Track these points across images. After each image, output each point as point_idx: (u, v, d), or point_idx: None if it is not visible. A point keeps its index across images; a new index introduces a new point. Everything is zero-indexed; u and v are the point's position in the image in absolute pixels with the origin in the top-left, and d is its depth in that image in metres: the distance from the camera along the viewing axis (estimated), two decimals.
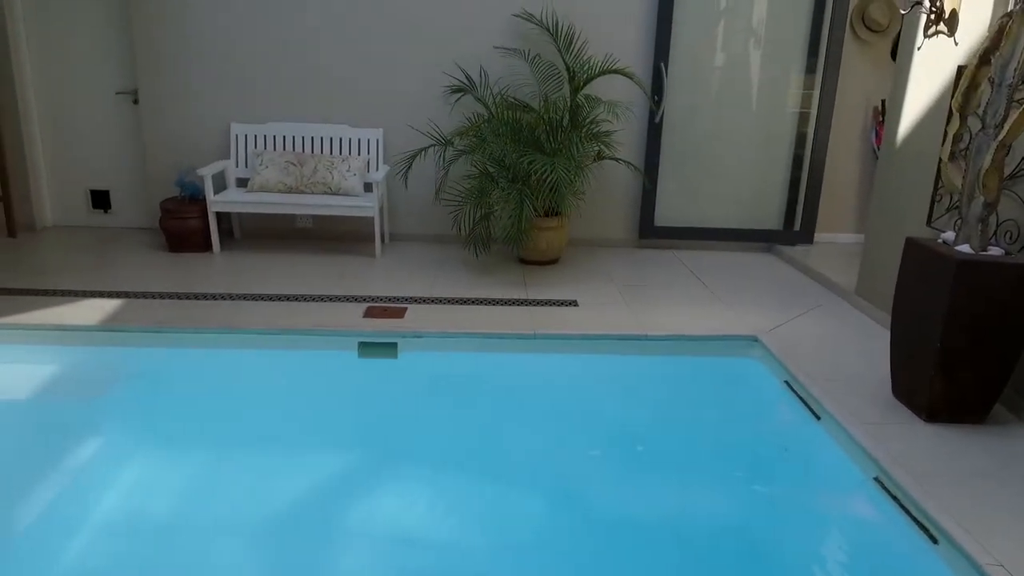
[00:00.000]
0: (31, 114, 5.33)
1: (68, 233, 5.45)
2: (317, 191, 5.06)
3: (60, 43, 5.26)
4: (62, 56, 5.28)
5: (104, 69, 5.31)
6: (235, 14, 5.11)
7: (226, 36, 5.15)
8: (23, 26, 5.19)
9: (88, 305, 3.95)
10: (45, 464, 3.01)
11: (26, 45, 5.23)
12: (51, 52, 5.27)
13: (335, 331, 3.75)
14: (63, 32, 5.24)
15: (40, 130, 5.40)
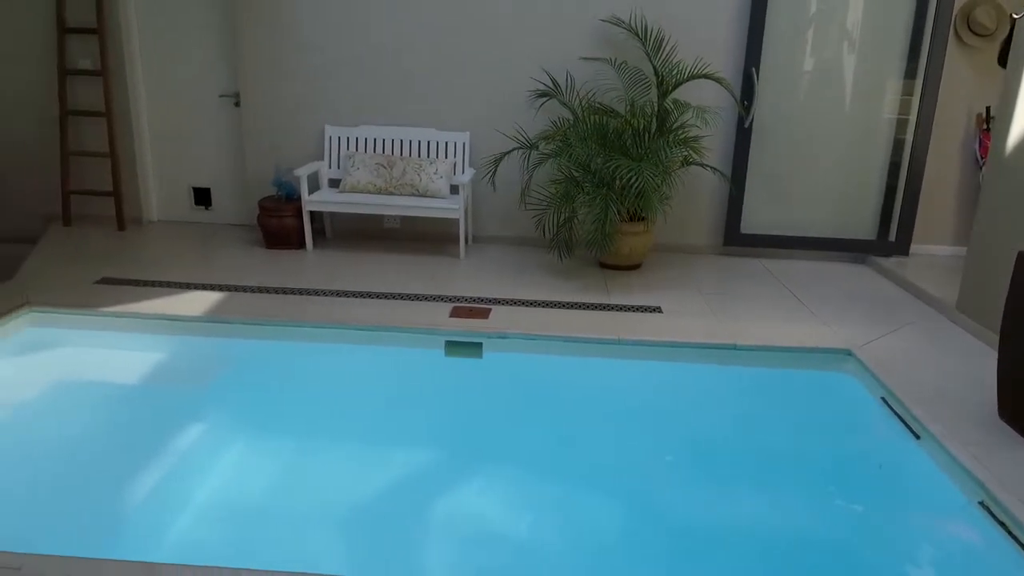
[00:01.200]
0: (142, 116, 5.67)
1: (172, 228, 5.77)
2: (405, 192, 5.19)
3: (169, 49, 5.57)
4: (171, 61, 5.59)
5: (209, 73, 5.60)
6: (331, 22, 5.30)
7: (322, 43, 5.34)
8: (137, 33, 5.53)
9: (192, 297, 4.18)
10: (153, 445, 3.20)
11: (139, 51, 5.57)
12: (161, 57, 5.59)
13: (424, 329, 3.85)
14: (173, 38, 5.55)
15: (149, 131, 5.73)
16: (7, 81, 5.56)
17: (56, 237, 5.40)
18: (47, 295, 4.07)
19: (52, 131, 5.52)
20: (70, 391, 3.63)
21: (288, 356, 3.91)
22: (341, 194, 5.21)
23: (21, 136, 5.64)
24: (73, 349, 3.88)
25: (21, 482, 2.89)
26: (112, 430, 3.35)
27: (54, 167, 5.57)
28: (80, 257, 4.92)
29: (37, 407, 3.44)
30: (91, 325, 3.90)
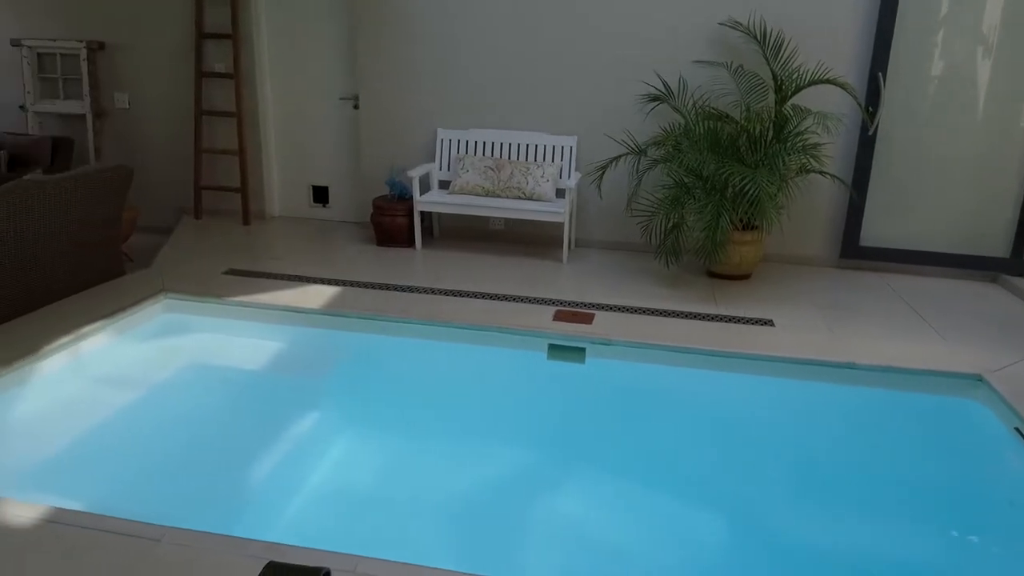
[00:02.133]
0: (268, 116, 6.00)
1: (291, 223, 6.08)
2: (512, 195, 5.26)
3: (296, 54, 5.87)
4: (296, 65, 5.90)
5: (331, 77, 5.86)
6: (446, 29, 5.43)
7: (437, 49, 5.49)
8: (267, 39, 5.86)
9: (310, 290, 4.39)
10: (270, 429, 3.39)
11: (268, 56, 5.90)
12: (288, 62, 5.90)
13: (528, 331, 3.89)
14: (299, 44, 5.85)
15: (274, 131, 6.06)
16: (152, 83, 6.04)
17: (188, 229, 5.81)
18: (181, 283, 4.38)
19: (188, 129, 5.94)
20: (199, 374, 3.90)
21: (396, 350, 4.04)
22: (450, 195, 5.33)
23: (162, 134, 6.10)
24: (203, 335, 4.16)
25: (155, 457, 3.13)
26: (234, 412, 3.58)
27: (188, 163, 5.99)
28: (209, 249, 5.27)
29: (169, 387, 3.72)
30: (219, 313, 4.17)
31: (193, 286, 4.35)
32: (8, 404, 3.19)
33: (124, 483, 2.92)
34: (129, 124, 6.17)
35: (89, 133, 6.06)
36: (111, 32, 5.99)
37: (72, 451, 3.10)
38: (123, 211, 4.61)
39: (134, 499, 2.69)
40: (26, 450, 3.07)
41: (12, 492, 2.45)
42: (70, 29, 6.01)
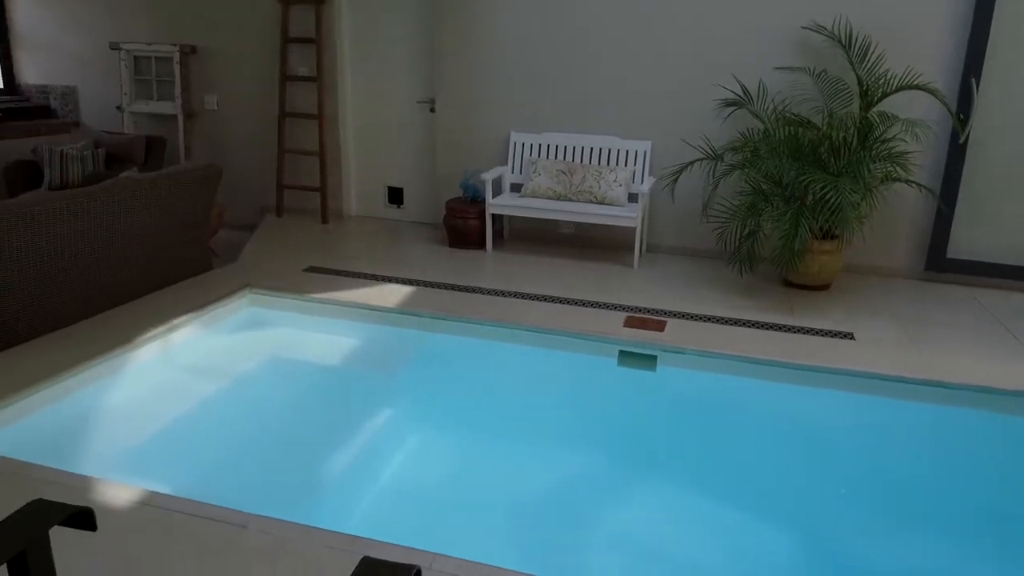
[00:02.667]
0: (348, 119, 6.17)
1: (367, 223, 6.24)
2: (583, 199, 5.26)
3: (376, 58, 6.02)
4: (376, 69, 6.05)
5: (409, 81, 5.99)
6: (522, 34, 5.48)
7: (511, 54, 5.54)
8: (349, 43, 6.03)
9: (384, 288, 4.50)
10: (345, 423, 3.50)
11: (349, 60, 6.07)
12: (368, 66, 6.06)
13: (600, 337, 3.89)
14: (379, 48, 6.00)
15: (353, 133, 6.23)
16: (239, 85, 6.30)
17: (270, 226, 6.03)
18: (264, 279, 4.55)
19: (271, 130, 6.17)
20: (279, 366, 4.06)
21: (467, 350, 4.10)
22: (522, 198, 5.37)
23: (247, 134, 6.36)
24: (283, 329, 4.32)
25: (236, 444, 3.28)
26: (310, 405, 3.71)
27: (271, 163, 6.21)
28: (290, 246, 5.46)
29: (251, 378, 3.88)
30: (299, 309, 4.32)
31: (275, 282, 4.52)
32: (104, 390, 3.39)
33: (207, 468, 3.06)
34: (217, 124, 6.45)
35: (180, 133, 6.36)
36: (203, 37, 6.27)
37: (160, 436, 3.27)
38: (212, 208, 4.84)
39: (216, 483, 2.82)
40: (120, 434, 3.25)
41: (109, 473, 2.61)
42: (165, 34, 6.33)
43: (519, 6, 5.46)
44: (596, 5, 5.31)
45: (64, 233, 3.65)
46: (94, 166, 5.78)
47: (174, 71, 6.29)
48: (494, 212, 5.39)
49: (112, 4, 6.46)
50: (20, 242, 3.44)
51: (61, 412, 3.15)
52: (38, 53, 6.85)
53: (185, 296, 4.22)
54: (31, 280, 3.54)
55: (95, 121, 6.70)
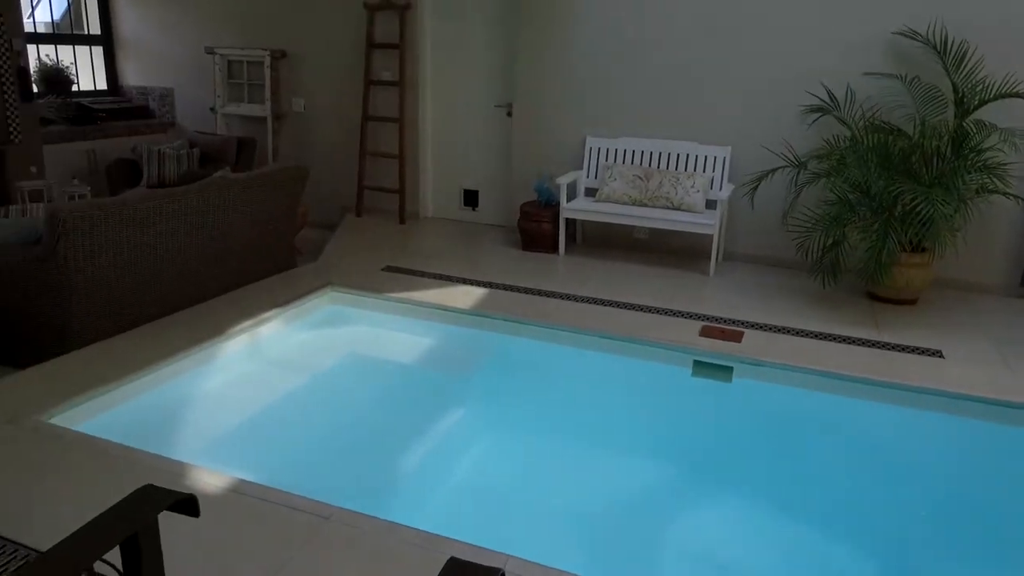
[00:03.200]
0: (427, 122, 6.31)
1: (442, 224, 6.36)
2: (659, 205, 5.22)
3: (456, 63, 6.13)
4: (456, 74, 6.15)
5: (487, 85, 6.07)
6: (599, 40, 5.47)
7: (590, 59, 5.54)
8: (430, 49, 6.16)
9: (458, 290, 4.57)
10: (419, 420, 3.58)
11: (430, 65, 6.19)
12: (448, 71, 6.17)
13: (675, 346, 3.85)
14: (459, 54, 6.10)
15: (431, 136, 6.36)
16: (325, 89, 6.51)
17: (350, 226, 6.22)
18: (345, 278, 4.70)
19: (354, 133, 6.36)
20: (356, 362, 4.19)
21: (539, 354, 4.13)
22: (597, 203, 5.37)
23: (330, 136, 6.57)
24: (361, 326, 4.46)
25: (314, 436, 3.41)
26: (388, 402, 3.82)
27: (353, 164, 6.40)
28: (368, 246, 5.61)
29: (330, 373, 4.02)
30: (377, 307, 4.44)
31: (355, 280, 4.66)
32: (197, 378, 3.58)
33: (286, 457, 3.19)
34: (303, 127, 6.69)
35: (268, 134, 6.63)
36: (292, 42, 6.52)
37: (246, 425, 3.43)
38: (298, 208, 5.03)
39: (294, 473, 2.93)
40: (210, 421, 3.43)
41: (198, 458, 2.75)
42: (257, 39, 6.61)
43: (598, 11, 5.46)
44: (676, 9, 5.26)
45: (164, 230, 3.87)
46: (189, 165, 6.09)
47: (264, 75, 6.56)
48: (568, 216, 5.40)
49: (208, 11, 6.79)
50: (126, 238, 3.67)
51: (158, 398, 3.35)
52: (139, 57, 7.26)
53: (272, 292, 4.41)
54: (134, 273, 3.77)
55: (189, 122, 7.06)
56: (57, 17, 7.20)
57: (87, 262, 3.52)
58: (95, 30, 7.23)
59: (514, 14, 5.74)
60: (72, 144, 6.25)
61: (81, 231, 3.44)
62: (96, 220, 3.49)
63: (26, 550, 2.12)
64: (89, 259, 3.52)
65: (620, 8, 5.40)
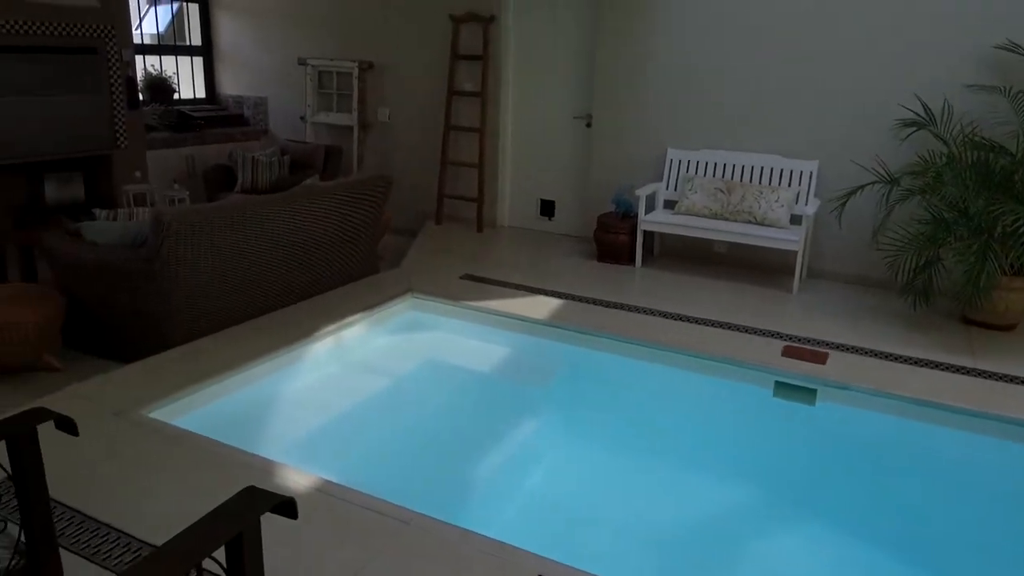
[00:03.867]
0: (507, 133, 6.38)
1: (519, 234, 6.41)
2: (740, 219, 5.12)
3: (537, 74, 6.18)
4: (536, 85, 6.21)
5: (567, 97, 6.10)
6: (681, 51, 5.42)
7: (669, 70, 5.49)
8: (512, 60, 6.23)
9: (533, 300, 4.60)
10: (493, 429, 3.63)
11: (512, 76, 6.27)
12: (529, 82, 6.23)
13: (756, 366, 3.77)
14: (540, 65, 6.15)
15: (511, 146, 6.43)
16: (410, 99, 6.68)
17: (430, 233, 6.35)
18: (425, 285, 4.80)
19: (435, 142, 6.49)
20: (433, 369, 4.28)
21: (613, 368, 4.12)
22: (675, 216, 5.31)
23: (414, 145, 6.73)
24: (441, 334, 4.55)
25: (398, 441, 3.50)
26: (460, 408, 3.89)
27: (434, 173, 6.54)
28: (447, 253, 5.72)
29: (408, 378, 4.13)
30: (456, 315, 4.52)
31: (434, 288, 4.76)
32: (285, 378, 3.73)
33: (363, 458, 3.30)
34: (387, 136, 6.88)
35: (354, 143, 6.85)
36: (380, 53, 6.72)
37: (327, 425, 3.56)
38: (382, 215, 5.18)
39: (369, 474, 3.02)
40: (294, 420, 3.57)
41: (282, 456, 2.87)
42: (347, 51, 6.84)
43: (679, 22, 5.41)
44: (762, 20, 5.16)
45: (257, 235, 4.06)
46: (280, 172, 6.35)
47: (352, 85, 6.77)
48: (647, 228, 5.37)
49: (301, 23, 7.07)
50: (223, 241, 3.87)
51: (247, 397, 3.51)
52: (235, 67, 7.63)
53: (356, 297, 4.55)
54: (229, 275, 3.97)
55: (280, 130, 7.36)
56: (162, 28, 7.64)
57: (187, 264, 3.72)
58: (196, 41, 7.64)
59: (595, 25, 5.75)
60: (172, 150, 6.62)
61: (183, 234, 3.65)
62: (196, 224, 3.69)
63: (138, 542, 2.26)
64: (189, 261, 3.73)
65: (703, 18, 5.33)
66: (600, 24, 5.70)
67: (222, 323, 3.98)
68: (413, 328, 4.54)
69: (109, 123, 5.98)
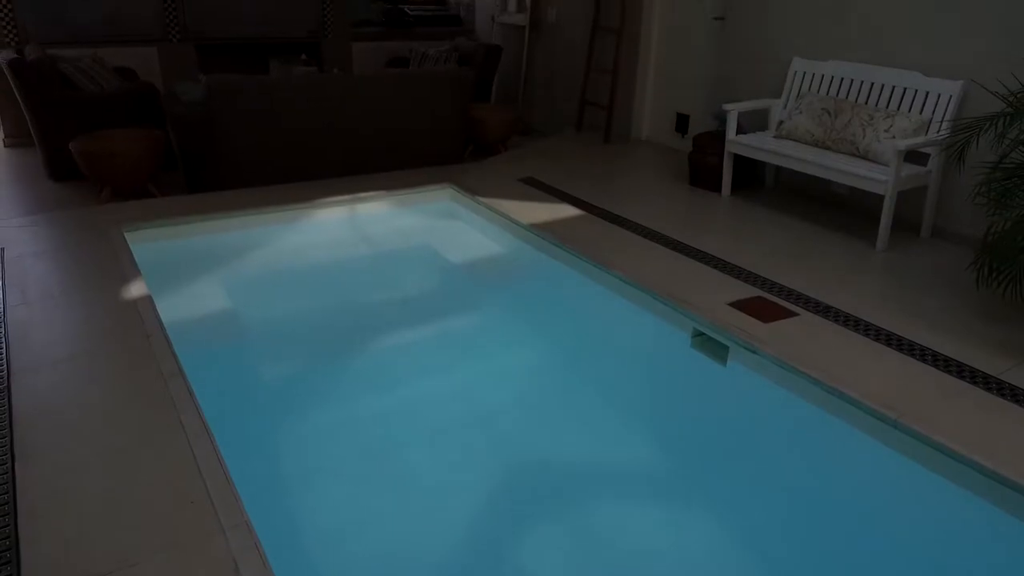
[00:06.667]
0: (652, 36, 5.81)
1: (644, 148, 5.92)
2: (842, 150, 4.07)
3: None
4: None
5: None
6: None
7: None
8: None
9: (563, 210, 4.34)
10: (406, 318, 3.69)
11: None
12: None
13: (681, 308, 3.18)
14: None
15: (655, 53, 5.86)
16: (571, 0, 6.43)
17: (558, 139, 6.25)
18: (480, 181, 4.84)
19: (585, 46, 6.21)
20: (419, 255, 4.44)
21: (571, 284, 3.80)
22: (771, 139, 4.42)
23: (572, 47, 6.48)
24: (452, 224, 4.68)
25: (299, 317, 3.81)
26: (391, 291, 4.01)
27: (579, 77, 6.31)
28: (544, 157, 5.60)
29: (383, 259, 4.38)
30: (475, 210, 4.54)
31: (483, 185, 4.77)
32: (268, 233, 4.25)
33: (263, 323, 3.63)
34: (554, 36, 6.77)
35: (525, 43, 6.91)
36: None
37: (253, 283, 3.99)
38: (468, 108, 5.33)
39: None
40: (237, 269, 4.05)
41: None
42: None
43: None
44: None
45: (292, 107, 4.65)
46: (446, 64, 6.76)
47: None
48: (733, 151, 4.57)
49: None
50: (268, 110, 4.50)
51: (221, 239, 4.11)
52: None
53: (402, 180, 4.84)
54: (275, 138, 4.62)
55: (482, 30, 7.72)
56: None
57: (230, 121, 4.43)
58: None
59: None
60: (376, 43, 7.46)
61: (226, 96, 4.35)
62: (236, 90, 4.36)
63: None
64: (231, 119, 4.43)
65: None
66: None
67: (265, 178, 4.64)
68: (434, 215, 4.71)
69: (318, 15, 7.03)
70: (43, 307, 3.02)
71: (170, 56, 6.36)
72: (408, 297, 3.91)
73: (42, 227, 3.93)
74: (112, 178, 4.60)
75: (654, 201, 4.66)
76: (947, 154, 3.62)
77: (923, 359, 2.79)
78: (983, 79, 3.68)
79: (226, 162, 4.53)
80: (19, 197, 4.72)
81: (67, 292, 3.17)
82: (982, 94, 3.68)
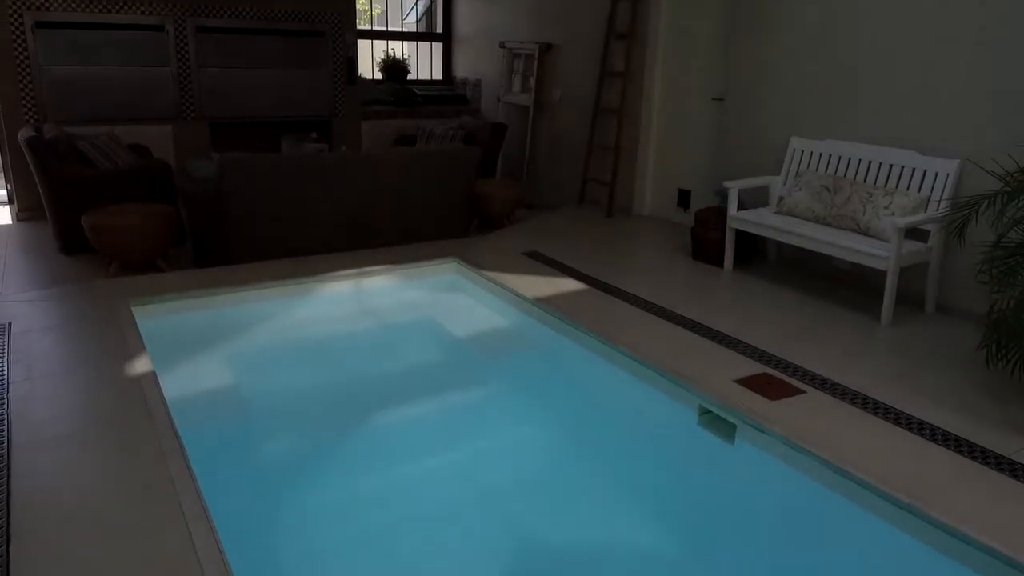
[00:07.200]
0: (653, 115, 5.98)
1: (646, 223, 6.01)
2: (843, 226, 4.12)
3: (688, 52, 5.67)
4: (688, 64, 5.69)
5: (708, 79, 5.48)
6: (816, 32, 4.47)
7: (804, 51, 4.58)
8: (664, 38, 5.81)
9: (566, 284, 4.39)
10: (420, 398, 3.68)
11: (661, 54, 5.84)
12: (680, 60, 5.74)
13: (687, 385, 3.16)
14: (694, 42, 5.62)
15: (655, 130, 6.02)
16: (576, 80, 6.67)
17: (560, 212, 6.35)
18: (483, 255, 4.90)
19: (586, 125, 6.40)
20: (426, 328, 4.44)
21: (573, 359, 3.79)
22: (773, 215, 4.49)
23: (573, 126, 6.71)
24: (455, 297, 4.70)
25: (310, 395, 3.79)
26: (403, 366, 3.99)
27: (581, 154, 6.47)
28: (547, 232, 5.67)
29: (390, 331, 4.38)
30: (479, 284, 4.57)
31: (487, 259, 4.82)
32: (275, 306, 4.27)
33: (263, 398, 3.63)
34: (556, 116, 6.98)
35: (529, 122, 7.11)
36: (558, 34, 6.83)
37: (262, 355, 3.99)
38: (473, 184, 5.43)
39: None
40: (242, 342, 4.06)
41: None
42: (533, 32, 7.09)
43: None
44: None
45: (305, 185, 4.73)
46: (452, 143, 6.94)
47: (533, 67, 7.02)
48: (734, 226, 4.63)
49: (512, 5, 7.50)
50: (278, 186, 4.59)
51: (228, 313, 4.13)
52: (464, 51, 8.43)
53: (409, 254, 4.89)
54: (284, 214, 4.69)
55: (488, 109, 7.96)
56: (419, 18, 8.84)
57: (241, 197, 4.52)
58: (439, 29, 8.67)
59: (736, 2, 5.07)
60: (385, 121, 7.68)
61: (237, 174, 4.45)
62: (248, 168, 4.46)
63: None
64: (246, 197, 4.52)
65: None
66: None
67: (274, 253, 4.69)
68: (438, 289, 4.74)
69: (330, 95, 7.25)
70: (47, 383, 3.02)
71: (184, 134, 6.55)
72: (412, 372, 3.89)
73: (51, 301, 3.96)
74: (121, 252, 4.66)
75: (657, 275, 4.70)
76: (947, 231, 3.68)
77: (933, 438, 2.75)
78: (979, 158, 3.76)
79: (235, 237, 4.59)
80: (30, 270, 4.78)
81: (72, 368, 3.17)
82: (979, 171, 3.76)
